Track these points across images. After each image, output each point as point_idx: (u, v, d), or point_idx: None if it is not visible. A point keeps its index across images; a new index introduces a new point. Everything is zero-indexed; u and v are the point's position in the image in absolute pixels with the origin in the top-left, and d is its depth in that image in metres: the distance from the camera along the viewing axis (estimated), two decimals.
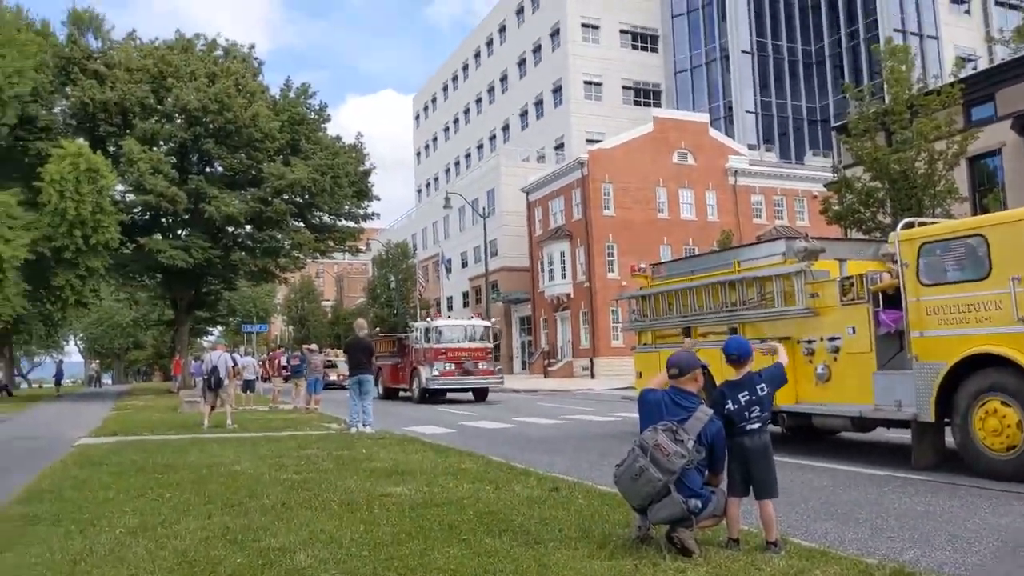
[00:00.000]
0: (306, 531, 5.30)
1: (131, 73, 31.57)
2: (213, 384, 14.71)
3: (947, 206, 20.43)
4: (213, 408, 14.84)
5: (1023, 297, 6.90)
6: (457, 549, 4.70)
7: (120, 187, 31.91)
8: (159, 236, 33.76)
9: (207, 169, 34.81)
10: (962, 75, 21.87)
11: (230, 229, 34.54)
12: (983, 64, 39.36)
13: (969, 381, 7.36)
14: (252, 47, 36.56)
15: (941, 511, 6.05)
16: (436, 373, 22.12)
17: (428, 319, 25.48)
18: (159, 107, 32.53)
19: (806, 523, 5.71)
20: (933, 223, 8.56)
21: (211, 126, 31.69)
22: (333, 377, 32.89)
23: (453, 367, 22.25)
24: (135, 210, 32.76)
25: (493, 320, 34.14)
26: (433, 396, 22.78)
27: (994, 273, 7.18)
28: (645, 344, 12.59)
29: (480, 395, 23.18)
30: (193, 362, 33.07)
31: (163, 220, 34.48)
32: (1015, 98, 22.84)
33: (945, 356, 7.47)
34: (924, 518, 5.81)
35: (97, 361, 72.48)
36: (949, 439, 7.81)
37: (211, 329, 62.67)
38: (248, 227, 34.67)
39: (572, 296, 43.37)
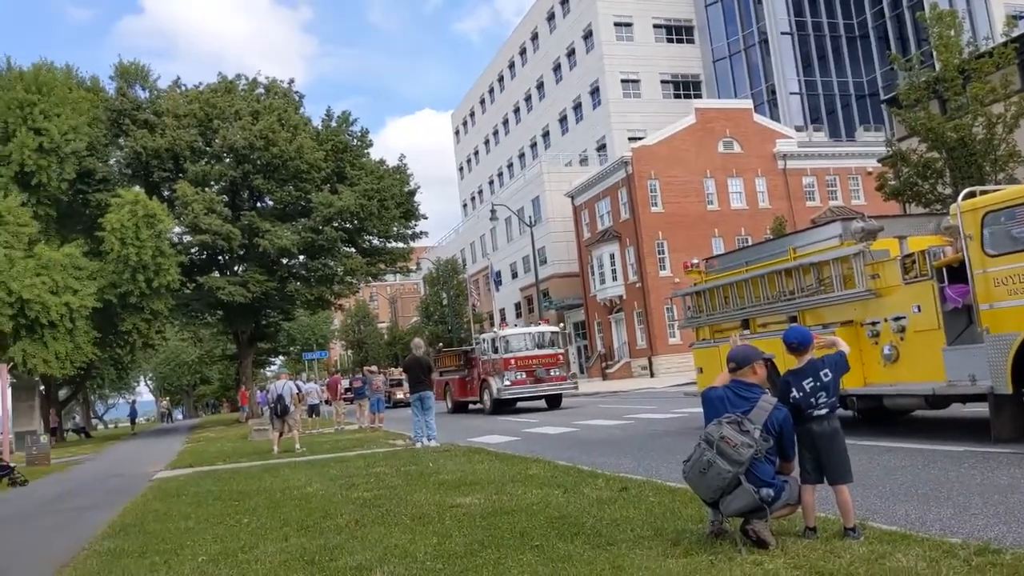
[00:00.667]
0: (380, 547, 5.35)
1: (179, 119, 32.80)
2: (279, 411, 15.16)
3: (1010, 170, 19.67)
4: (281, 434, 15.28)
5: None
6: (531, 556, 4.71)
7: (177, 229, 33.09)
8: (217, 273, 34.93)
9: (258, 204, 35.90)
10: (1014, 34, 20.99)
11: (284, 261, 35.48)
12: None
13: None
14: (292, 82, 37.62)
15: None
16: (508, 383, 21.70)
17: (494, 329, 25.12)
18: (208, 149, 33.74)
19: (886, 506, 5.57)
20: (996, 190, 8.24)
21: (259, 162, 32.71)
22: (400, 395, 33.36)
23: (524, 375, 21.83)
24: (192, 250, 33.95)
25: (561, 325, 33.68)
26: (504, 406, 22.38)
27: None
28: (704, 339, 12.50)
29: (553, 402, 22.63)
30: (259, 392, 34.05)
31: (220, 258, 35.61)
32: None
33: (1018, 326, 7.22)
34: (1008, 492, 5.60)
35: (167, 399, 75.25)
36: None
37: (273, 359, 64.45)
38: (301, 257, 35.56)
39: (625, 297, 43.03)
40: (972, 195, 7.96)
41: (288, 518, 6.98)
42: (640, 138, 46.15)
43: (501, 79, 70.58)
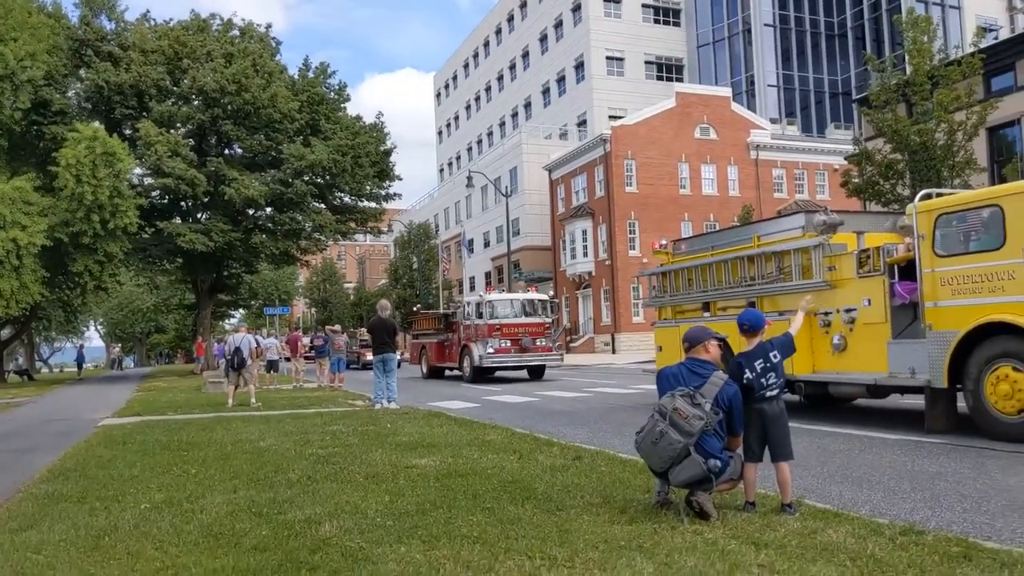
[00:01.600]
0: (331, 503, 5.39)
1: (146, 55, 31.44)
2: (236, 364, 14.96)
3: (966, 177, 20.23)
4: (236, 388, 15.12)
5: None
6: (481, 517, 4.82)
7: (138, 171, 31.85)
8: (178, 220, 33.98)
9: (226, 151, 34.86)
10: (983, 45, 21.45)
11: (250, 211, 34.62)
12: (1004, 34, 38.48)
13: (981, 348, 7.45)
14: (269, 27, 36.40)
15: (952, 472, 6.14)
16: (490, 350, 20.53)
17: (480, 293, 23.37)
18: (175, 89, 32.45)
19: (821, 486, 5.81)
20: (951, 194, 8.54)
21: (229, 107, 31.63)
22: (370, 356, 32.86)
23: (509, 344, 20.64)
24: (153, 194, 32.82)
25: (551, 294, 33.22)
26: (484, 374, 21.32)
27: (1008, 243, 7.22)
28: (666, 319, 12.77)
29: (536, 373, 21.68)
30: (216, 344, 33.59)
31: (182, 203, 34.61)
32: None
33: (958, 325, 7.57)
34: (936, 479, 5.90)
35: (119, 345, 73.55)
36: (961, 404, 7.92)
37: (233, 312, 63.37)
38: (269, 209, 34.77)
39: (594, 274, 43.39)
40: (928, 197, 8.23)
41: (238, 471, 6.92)
42: (620, 117, 46.19)
43: (487, 44, 69.61)
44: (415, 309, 32.50)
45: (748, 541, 4.09)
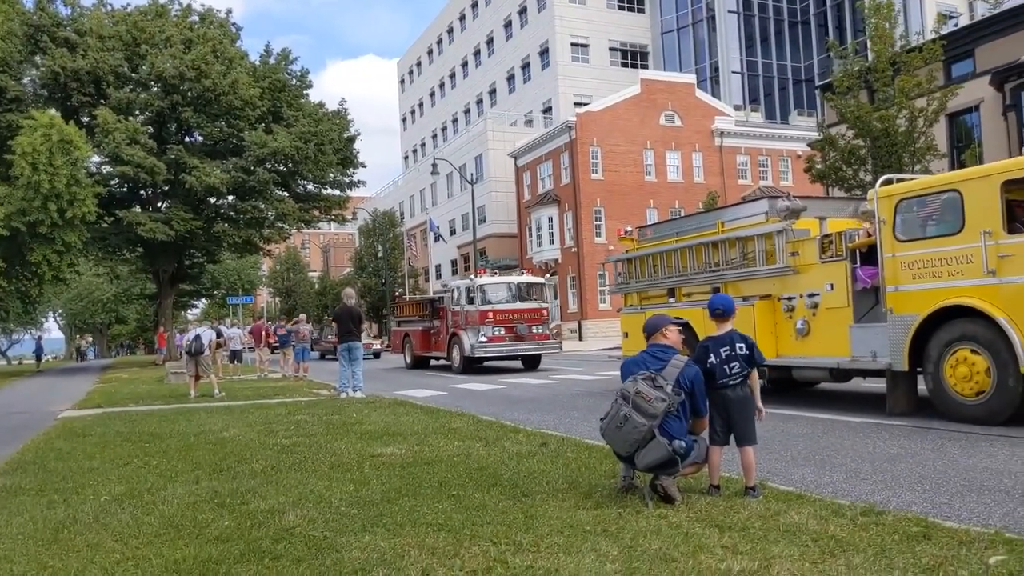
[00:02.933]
0: (295, 493, 5.34)
1: (103, 40, 30.86)
2: (193, 350, 14.76)
3: (926, 163, 20.65)
4: (198, 378, 14.90)
5: (993, 250, 7.07)
6: (447, 504, 4.80)
7: (96, 159, 31.31)
8: (138, 208, 33.33)
9: (186, 139, 34.25)
10: (943, 32, 21.87)
11: (212, 200, 34.09)
12: (964, 21, 39.28)
13: (941, 331, 7.59)
14: (229, 12, 35.99)
15: (913, 454, 6.24)
16: (483, 339, 18.94)
17: (470, 276, 21.77)
18: (134, 75, 31.88)
19: (785, 469, 5.89)
20: (911, 180, 8.67)
21: (189, 94, 31.05)
22: None
23: (503, 332, 19.03)
24: (112, 182, 32.21)
25: (547, 276, 32.68)
26: (476, 364, 19.88)
27: (967, 227, 7.35)
28: (631, 305, 12.83)
29: (531, 363, 20.14)
30: (178, 335, 32.99)
31: (142, 192, 33.94)
32: (994, 54, 22.98)
33: (918, 308, 7.70)
34: (896, 461, 6.00)
35: (88, 337, 71.78)
36: (922, 387, 8.07)
37: (195, 302, 62.14)
38: (230, 197, 34.22)
39: (560, 261, 43.48)
40: (889, 182, 8.35)
41: (201, 461, 6.84)
42: (585, 103, 46.16)
43: (451, 31, 68.94)
44: (399, 294, 31.95)
45: (712, 524, 4.12)
